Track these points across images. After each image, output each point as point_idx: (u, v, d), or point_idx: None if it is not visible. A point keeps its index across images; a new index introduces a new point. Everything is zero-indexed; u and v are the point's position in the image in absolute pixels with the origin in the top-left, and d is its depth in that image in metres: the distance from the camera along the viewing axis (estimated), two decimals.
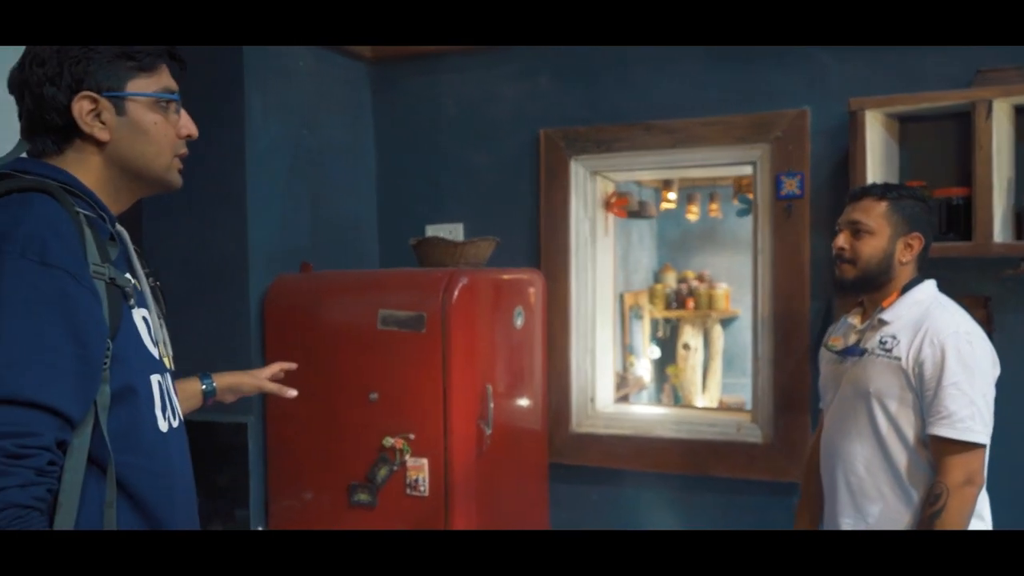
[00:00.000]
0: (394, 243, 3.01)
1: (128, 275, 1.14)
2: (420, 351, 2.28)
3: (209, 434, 2.49)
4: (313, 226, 2.77)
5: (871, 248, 1.86)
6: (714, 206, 5.97)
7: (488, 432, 2.34)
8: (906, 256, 1.88)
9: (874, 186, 1.93)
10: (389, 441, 2.31)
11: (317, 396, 2.36)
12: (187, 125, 1.25)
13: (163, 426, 1.16)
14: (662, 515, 2.76)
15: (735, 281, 6.08)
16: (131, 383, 1.10)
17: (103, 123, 1.14)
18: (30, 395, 0.95)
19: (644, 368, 5.51)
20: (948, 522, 1.68)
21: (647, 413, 3.09)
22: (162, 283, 2.66)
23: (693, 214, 5.91)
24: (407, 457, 2.30)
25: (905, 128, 2.45)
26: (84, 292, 1.02)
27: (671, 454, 2.72)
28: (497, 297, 2.52)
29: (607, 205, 3.10)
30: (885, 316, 1.86)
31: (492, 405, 2.35)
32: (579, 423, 2.87)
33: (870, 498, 1.84)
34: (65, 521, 1.00)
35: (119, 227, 1.19)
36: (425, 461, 2.29)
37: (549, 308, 2.83)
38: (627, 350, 5.46)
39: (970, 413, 1.72)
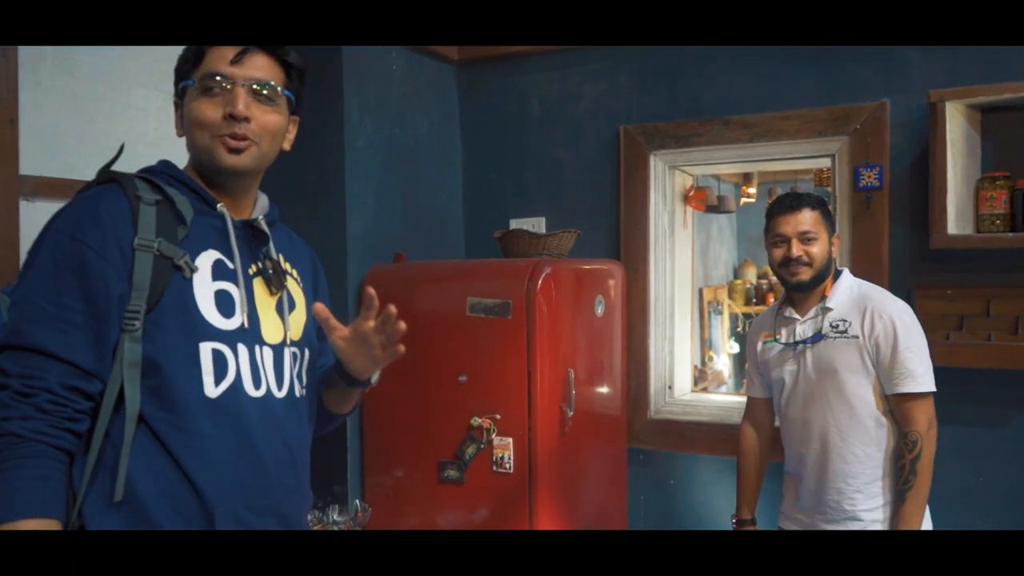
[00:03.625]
0: (480, 235, 3.15)
1: (183, 250, 1.26)
2: (506, 336, 2.41)
3: None
4: (405, 219, 2.93)
5: (820, 250, 2.15)
6: None
7: (570, 414, 2.46)
8: (834, 253, 2.21)
9: (799, 197, 2.19)
10: (477, 421, 2.44)
11: (410, 378, 2.51)
12: (230, 102, 1.29)
13: (212, 392, 1.26)
14: None
15: None
16: (167, 346, 1.23)
17: (181, 118, 1.34)
18: (39, 343, 1.16)
19: (723, 363, 5.52)
20: (925, 461, 2.01)
21: (724, 400, 3.15)
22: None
23: None
24: (493, 436, 2.43)
25: (987, 119, 2.45)
26: (103, 263, 1.20)
27: None
28: (578, 286, 2.62)
29: (685, 199, 3.17)
30: (829, 304, 2.16)
31: (573, 389, 2.47)
32: (657, 410, 2.95)
33: (847, 460, 2.11)
34: (91, 456, 1.19)
35: (222, 209, 1.33)
36: (510, 440, 2.41)
37: (628, 298, 2.92)
38: (706, 345, 5.48)
39: (924, 369, 2.05)
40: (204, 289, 1.28)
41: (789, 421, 2.24)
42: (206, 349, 1.26)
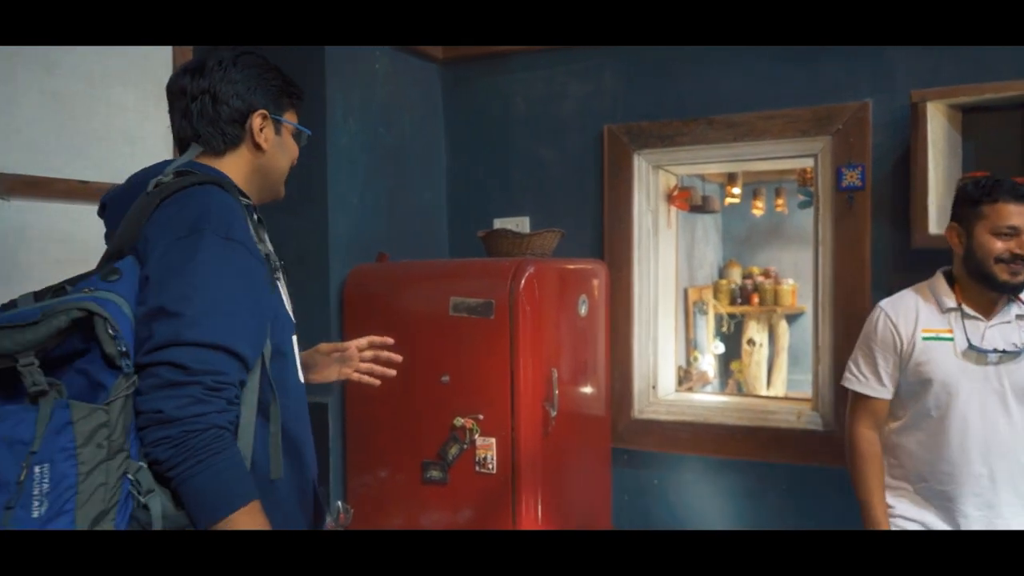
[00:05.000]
0: (464, 235, 3.15)
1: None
2: (489, 336, 2.40)
3: None
4: (388, 218, 2.92)
5: None
6: (780, 201, 5.95)
7: (553, 414, 2.45)
8: None
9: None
10: (460, 421, 2.43)
11: (392, 378, 2.49)
12: (296, 153, 1.51)
13: (301, 378, 1.45)
14: (722, 500, 2.83)
15: (802, 277, 6.04)
16: (282, 339, 1.36)
17: (265, 138, 1.42)
18: (220, 340, 1.18)
19: (708, 363, 5.54)
20: None
21: (708, 400, 3.16)
22: None
23: (759, 209, 5.89)
24: (476, 436, 2.42)
25: (969, 119, 2.46)
26: (256, 263, 1.28)
27: (731, 441, 2.78)
28: (562, 286, 2.62)
29: (669, 198, 3.18)
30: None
31: (557, 389, 2.46)
32: (641, 409, 2.95)
33: (1008, 481, 1.92)
34: (243, 446, 1.23)
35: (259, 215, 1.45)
36: (493, 440, 2.41)
37: (612, 297, 2.92)
38: (691, 345, 5.49)
39: None
40: (281, 286, 1.41)
41: (947, 436, 1.95)
42: (295, 340, 1.43)
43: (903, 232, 2.48)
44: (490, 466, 2.41)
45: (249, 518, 1.17)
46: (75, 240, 1.99)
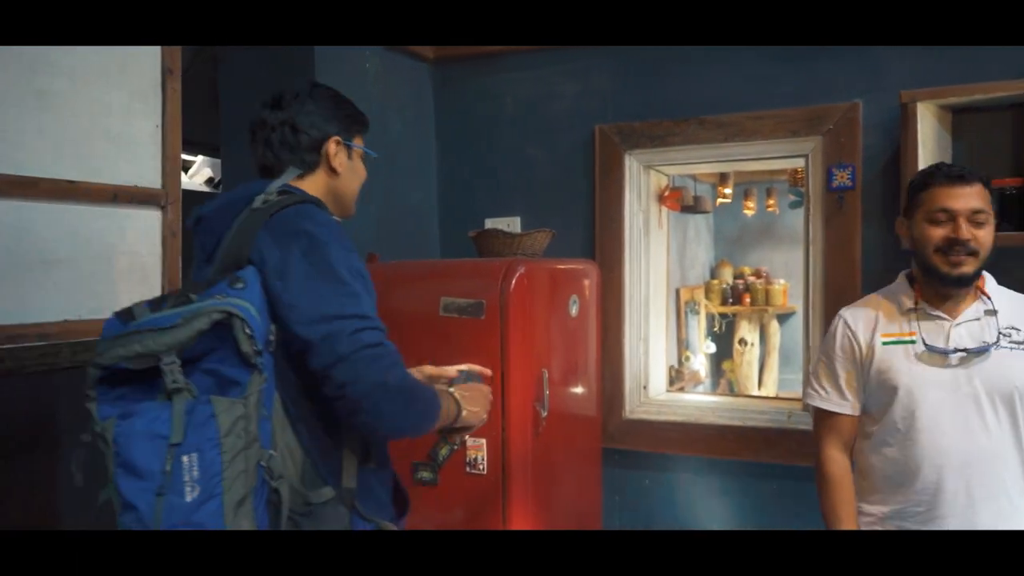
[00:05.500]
0: (455, 235, 3.14)
1: None
2: (479, 336, 2.39)
3: None
4: (379, 219, 2.91)
5: (989, 238, 1.73)
6: (771, 201, 5.95)
7: (544, 415, 2.44)
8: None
9: (966, 168, 1.78)
10: None
11: None
12: (365, 175, 1.65)
13: None
14: (712, 500, 2.83)
15: (793, 277, 6.05)
16: None
17: (339, 162, 1.55)
18: (373, 316, 1.38)
19: (700, 363, 5.54)
20: None
21: (698, 400, 3.15)
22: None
23: (750, 209, 5.90)
24: (467, 437, 2.41)
25: (959, 119, 2.47)
26: (365, 267, 1.43)
27: (722, 440, 2.78)
28: (553, 286, 2.61)
29: (660, 198, 3.17)
30: (994, 306, 1.76)
31: (547, 389, 2.45)
32: (632, 410, 2.95)
33: (988, 499, 1.72)
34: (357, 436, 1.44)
35: None
36: (484, 441, 2.40)
37: (603, 298, 2.92)
38: (683, 345, 5.49)
39: None
40: None
41: (917, 449, 1.76)
42: None
43: (893, 233, 2.47)
44: (481, 467, 2.40)
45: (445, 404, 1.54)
46: (60, 240, 1.97)
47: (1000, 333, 1.72)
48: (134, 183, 2.11)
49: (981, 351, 1.73)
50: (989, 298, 1.78)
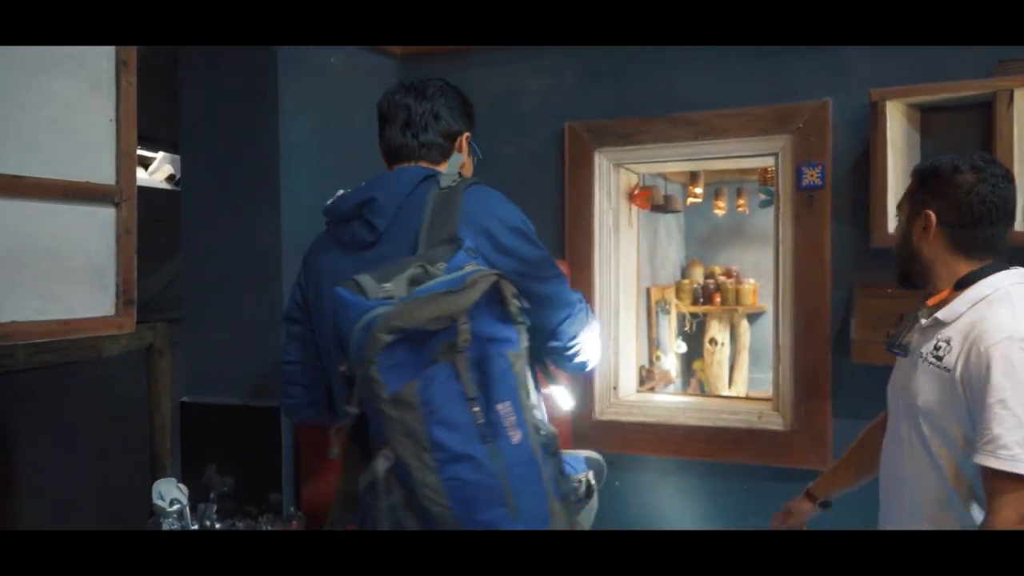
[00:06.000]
0: None
1: None
2: None
3: (243, 418, 2.58)
4: None
5: (898, 235, 1.71)
6: (741, 201, 5.98)
7: None
8: (925, 240, 1.64)
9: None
10: None
11: None
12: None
13: None
14: (684, 501, 2.80)
15: (764, 276, 6.09)
16: None
17: (467, 153, 1.78)
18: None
19: (670, 363, 5.54)
20: None
21: (669, 401, 3.13)
22: (201, 271, 2.77)
23: (720, 209, 5.92)
24: None
25: (927, 118, 2.47)
26: None
27: (693, 441, 2.76)
28: None
29: (630, 197, 3.15)
30: (944, 314, 1.59)
31: None
32: (602, 411, 2.92)
33: (897, 521, 1.68)
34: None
35: None
36: None
37: None
38: (653, 345, 5.49)
39: (1019, 439, 1.41)
40: None
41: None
42: None
43: (863, 231, 2.48)
44: None
45: None
46: (7, 238, 1.89)
47: (934, 346, 1.58)
48: (86, 179, 2.02)
49: (908, 357, 1.67)
50: (942, 303, 1.62)
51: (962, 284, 1.60)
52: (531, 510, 1.35)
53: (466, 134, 1.77)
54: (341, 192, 1.78)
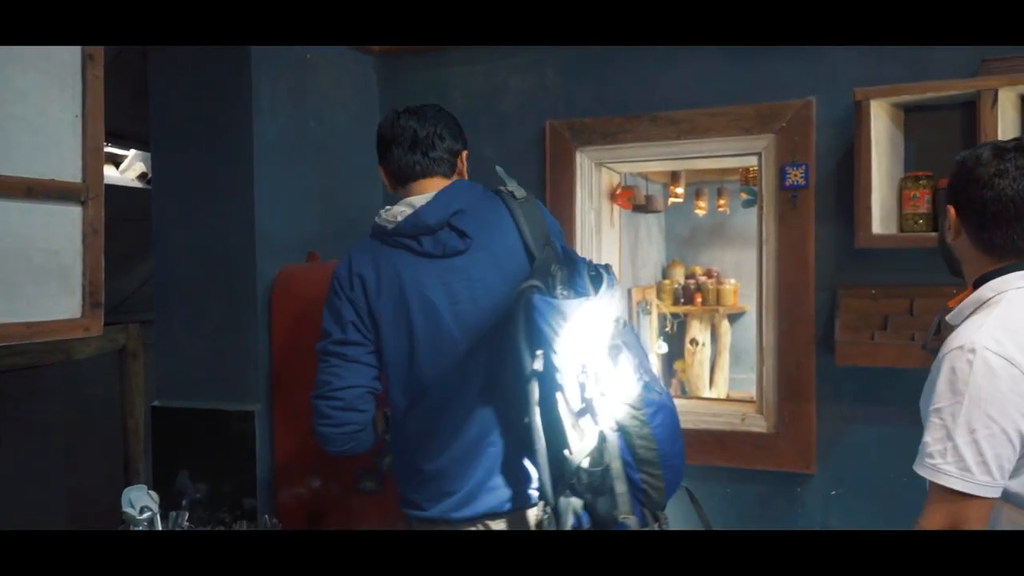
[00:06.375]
0: None
1: None
2: None
3: (216, 422, 2.52)
4: (320, 216, 2.79)
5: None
6: (722, 201, 5.97)
7: None
8: (950, 236, 1.54)
9: None
10: None
11: None
12: None
13: None
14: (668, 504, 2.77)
15: (744, 277, 6.09)
16: None
17: (465, 172, 1.97)
18: None
19: (652, 363, 5.53)
20: None
21: None
22: (172, 271, 2.69)
23: (701, 209, 5.91)
24: None
25: (911, 118, 2.45)
26: None
27: None
28: None
29: (612, 197, 3.11)
30: (949, 317, 1.54)
31: None
32: None
33: None
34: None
35: None
36: None
37: None
38: None
39: (942, 449, 1.36)
40: None
41: None
42: None
43: (846, 232, 2.45)
44: None
45: None
46: None
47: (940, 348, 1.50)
48: (52, 176, 1.96)
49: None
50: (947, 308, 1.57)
51: (977, 285, 1.51)
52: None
53: (464, 152, 1.94)
54: (392, 207, 1.84)
